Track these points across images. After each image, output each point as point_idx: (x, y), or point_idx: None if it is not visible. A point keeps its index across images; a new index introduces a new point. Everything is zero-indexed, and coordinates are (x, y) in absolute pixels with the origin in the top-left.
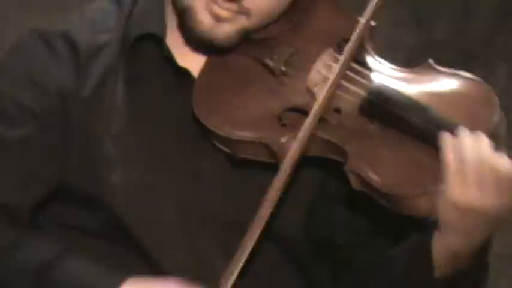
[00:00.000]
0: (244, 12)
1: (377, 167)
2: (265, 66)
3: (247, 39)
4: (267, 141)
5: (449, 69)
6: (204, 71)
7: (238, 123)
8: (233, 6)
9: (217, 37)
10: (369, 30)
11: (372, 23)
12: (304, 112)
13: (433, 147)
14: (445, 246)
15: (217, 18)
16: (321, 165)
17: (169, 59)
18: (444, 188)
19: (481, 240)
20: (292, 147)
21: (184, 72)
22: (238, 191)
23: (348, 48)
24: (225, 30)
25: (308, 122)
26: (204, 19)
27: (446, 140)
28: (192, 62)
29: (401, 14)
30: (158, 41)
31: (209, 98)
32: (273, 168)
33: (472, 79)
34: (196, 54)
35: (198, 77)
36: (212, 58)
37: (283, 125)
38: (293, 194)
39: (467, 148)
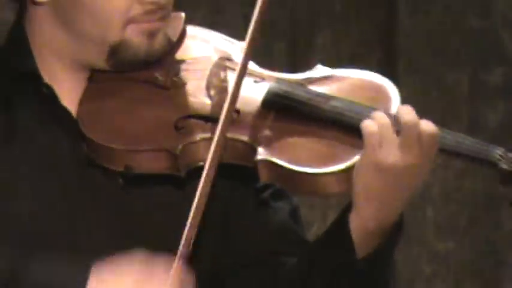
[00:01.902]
0: (167, 14)
1: (290, 151)
2: (154, 82)
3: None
4: (166, 147)
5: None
6: (87, 97)
7: (133, 135)
8: (162, 12)
9: (154, 52)
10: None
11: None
12: (202, 117)
13: (342, 129)
14: (361, 225)
15: (152, 34)
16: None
17: (50, 97)
18: (364, 155)
19: (394, 215)
20: (211, 148)
21: (64, 109)
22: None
23: (244, 50)
24: (160, 41)
25: (220, 124)
26: (141, 43)
27: (364, 111)
28: (68, 98)
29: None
30: (35, 79)
31: (99, 117)
32: (165, 194)
33: (363, 72)
34: (70, 90)
35: (81, 102)
36: (90, 87)
37: (181, 132)
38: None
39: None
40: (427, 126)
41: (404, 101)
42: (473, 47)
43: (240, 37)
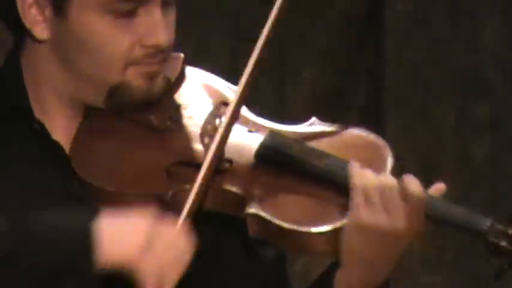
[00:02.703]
0: (167, 57)
1: (280, 207)
2: (149, 124)
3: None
4: (157, 192)
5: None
6: (81, 134)
7: (125, 177)
8: (163, 55)
9: (153, 94)
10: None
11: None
12: (194, 165)
13: (333, 188)
14: (346, 283)
15: (151, 77)
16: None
17: (42, 133)
18: (351, 216)
19: (381, 278)
20: (191, 194)
21: (56, 145)
22: None
23: (235, 99)
24: (159, 84)
25: (203, 171)
26: (140, 85)
27: (353, 169)
28: (61, 134)
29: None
30: (26, 114)
31: (91, 157)
32: None
33: (357, 131)
34: (64, 126)
35: (74, 139)
36: (84, 125)
37: (172, 178)
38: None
39: (373, 175)
40: (412, 186)
41: (391, 135)
42: (460, 81)
43: (228, 70)
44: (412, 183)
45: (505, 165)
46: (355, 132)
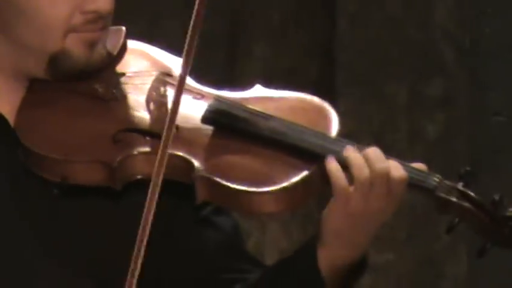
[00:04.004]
0: (107, 25)
1: (227, 169)
2: (94, 93)
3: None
4: (103, 159)
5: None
6: (26, 106)
7: (71, 145)
8: (103, 22)
9: (94, 62)
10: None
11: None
12: (141, 131)
13: (280, 148)
14: (329, 262)
15: (92, 44)
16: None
17: None
18: (340, 203)
19: (361, 251)
20: (155, 165)
21: (1, 117)
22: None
23: (183, 66)
24: (99, 52)
25: (163, 139)
26: (80, 53)
27: (330, 161)
28: (5, 106)
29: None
30: None
31: (37, 126)
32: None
33: (303, 94)
34: (8, 98)
35: (19, 110)
36: (28, 96)
37: (119, 145)
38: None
39: (356, 158)
40: (397, 171)
41: (343, 112)
42: (412, 59)
43: (180, 48)
44: (397, 168)
45: (457, 142)
46: (301, 96)
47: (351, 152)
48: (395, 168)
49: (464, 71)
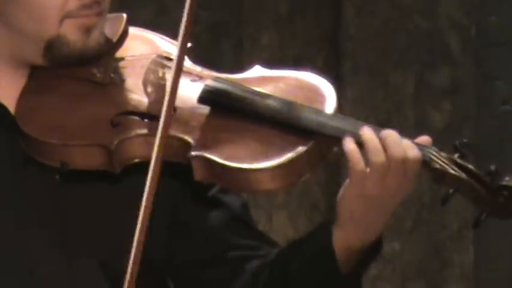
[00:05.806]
0: (104, 10)
1: (223, 147)
2: (92, 78)
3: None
4: (101, 143)
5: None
6: (26, 93)
7: (70, 130)
8: (99, 7)
9: (91, 47)
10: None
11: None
12: (139, 114)
13: (277, 126)
14: (344, 243)
15: (88, 30)
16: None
17: None
18: (355, 186)
19: (376, 232)
20: (154, 146)
21: (1, 105)
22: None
23: (179, 48)
24: (95, 38)
25: (163, 121)
26: (77, 38)
27: (348, 141)
28: (6, 95)
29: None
30: None
31: (36, 113)
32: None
33: (300, 73)
34: (9, 87)
35: (19, 98)
36: (28, 84)
37: (117, 128)
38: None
39: (373, 141)
40: (411, 152)
41: (350, 101)
42: (418, 48)
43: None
44: (412, 148)
45: (464, 131)
46: (299, 75)
47: (367, 135)
48: (410, 149)
49: (471, 59)
